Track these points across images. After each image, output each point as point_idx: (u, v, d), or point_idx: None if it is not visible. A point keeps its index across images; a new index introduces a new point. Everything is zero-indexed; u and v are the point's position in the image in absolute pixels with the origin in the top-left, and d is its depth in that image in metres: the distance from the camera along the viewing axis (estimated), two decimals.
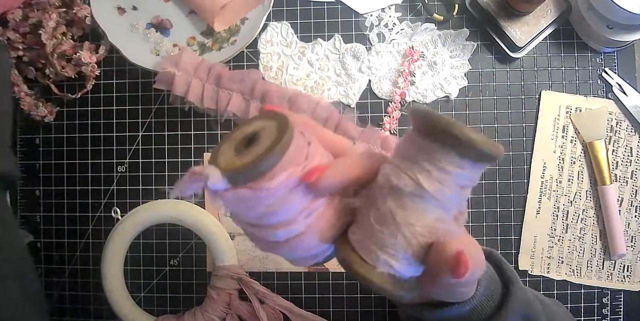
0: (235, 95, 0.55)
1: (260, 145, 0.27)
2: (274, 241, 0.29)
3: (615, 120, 0.56)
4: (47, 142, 0.60)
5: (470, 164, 0.26)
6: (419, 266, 0.28)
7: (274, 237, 0.28)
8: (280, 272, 0.58)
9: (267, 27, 0.58)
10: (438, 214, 0.27)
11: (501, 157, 0.26)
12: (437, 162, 0.26)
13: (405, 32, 0.58)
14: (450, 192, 0.26)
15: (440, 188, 0.26)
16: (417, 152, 0.27)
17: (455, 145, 0.25)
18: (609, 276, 0.56)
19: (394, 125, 0.57)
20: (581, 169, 0.56)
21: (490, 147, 0.25)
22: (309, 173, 0.27)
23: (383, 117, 0.57)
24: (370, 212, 0.28)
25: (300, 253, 0.30)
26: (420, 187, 0.26)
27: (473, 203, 0.56)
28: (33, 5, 0.56)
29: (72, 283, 0.59)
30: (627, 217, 0.56)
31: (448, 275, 0.26)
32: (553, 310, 0.42)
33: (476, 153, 0.25)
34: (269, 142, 0.26)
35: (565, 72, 0.57)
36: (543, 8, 0.54)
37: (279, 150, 0.26)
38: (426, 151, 0.26)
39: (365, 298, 0.57)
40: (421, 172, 0.26)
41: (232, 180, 0.26)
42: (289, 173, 0.26)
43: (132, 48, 0.57)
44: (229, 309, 0.55)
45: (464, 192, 0.27)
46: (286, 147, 0.26)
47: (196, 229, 0.56)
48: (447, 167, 0.26)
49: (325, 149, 0.30)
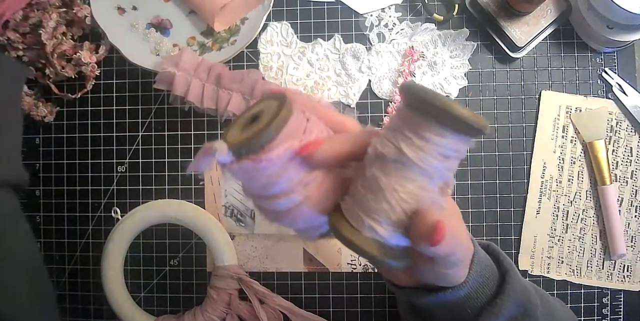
0: (235, 95, 0.55)
1: (261, 122, 0.29)
2: (278, 211, 0.31)
3: (615, 120, 0.56)
4: (47, 142, 0.60)
5: (452, 133, 0.27)
6: (403, 235, 0.29)
7: (277, 206, 0.30)
8: (280, 272, 0.58)
9: (267, 27, 0.58)
10: (421, 182, 0.28)
11: (485, 129, 0.27)
12: (418, 129, 0.27)
13: (405, 32, 0.58)
14: (433, 160, 0.27)
15: (421, 155, 0.27)
16: (402, 123, 0.28)
17: (435, 114, 0.26)
18: (609, 276, 0.56)
19: None
20: (581, 169, 0.56)
21: (469, 116, 0.26)
22: (304, 146, 0.29)
23: (383, 117, 0.57)
24: (358, 180, 0.29)
25: (301, 223, 0.31)
26: (402, 153, 0.27)
27: (473, 203, 0.56)
28: (33, 5, 0.56)
29: (72, 283, 0.59)
30: (627, 217, 0.56)
31: (425, 243, 0.27)
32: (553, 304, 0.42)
33: (455, 122, 0.26)
34: (268, 119, 0.29)
35: (565, 72, 0.57)
36: (543, 8, 0.54)
37: (276, 124, 0.28)
38: (410, 121, 0.28)
39: (365, 298, 0.57)
40: (404, 139, 0.27)
41: (236, 153, 0.29)
42: (287, 146, 0.29)
43: (132, 48, 0.57)
44: (229, 309, 0.55)
45: (449, 162, 0.28)
46: (283, 122, 0.29)
47: (196, 229, 0.56)
48: (427, 135, 0.27)
49: (328, 127, 0.32)
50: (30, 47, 0.57)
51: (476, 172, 0.57)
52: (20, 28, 0.56)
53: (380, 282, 0.57)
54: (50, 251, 0.59)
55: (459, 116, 0.26)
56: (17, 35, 0.56)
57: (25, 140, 0.60)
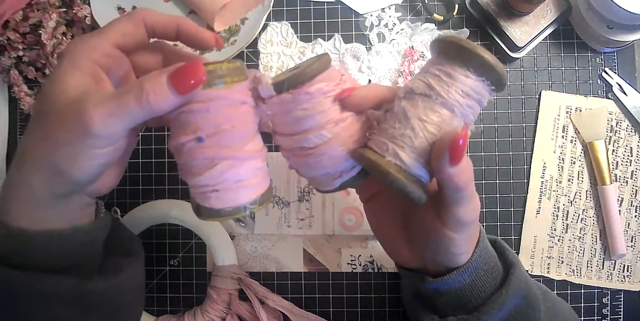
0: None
1: (301, 66, 0.33)
2: (305, 150, 0.33)
3: (615, 120, 0.56)
4: None
5: (474, 75, 0.30)
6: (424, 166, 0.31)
7: (306, 142, 0.33)
8: (280, 272, 0.58)
9: (267, 27, 0.58)
10: (445, 115, 0.31)
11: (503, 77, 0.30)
12: (445, 69, 0.31)
13: (405, 32, 0.58)
14: (457, 94, 0.30)
15: (446, 89, 0.30)
16: (431, 65, 0.32)
17: (461, 57, 0.30)
18: (609, 276, 0.56)
19: None
20: (581, 169, 0.56)
21: (490, 60, 0.29)
22: (343, 91, 0.32)
23: None
24: (387, 115, 0.32)
25: (327, 162, 0.33)
26: (430, 87, 0.31)
27: None
28: (33, 5, 0.56)
29: None
30: (627, 217, 0.56)
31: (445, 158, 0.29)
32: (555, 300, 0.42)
33: (477, 64, 0.30)
34: (309, 63, 0.33)
35: (565, 72, 0.57)
36: (543, 8, 0.54)
37: (316, 67, 0.32)
38: (438, 62, 0.31)
39: (365, 298, 0.57)
40: (432, 77, 0.31)
41: (277, 87, 0.32)
42: (324, 85, 0.32)
43: None
44: (229, 309, 0.55)
45: (470, 101, 0.31)
46: (323, 67, 0.32)
47: (196, 229, 0.56)
48: (453, 73, 0.30)
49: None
50: (30, 47, 0.57)
51: (476, 172, 0.56)
52: (20, 28, 0.56)
53: (380, 282, 0.57)
54: None
55: (483, 58, 0.29)
56: (17, 35, 0.56)
57: None
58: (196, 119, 0.31)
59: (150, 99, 0.29)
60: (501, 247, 0.39)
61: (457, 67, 0.31)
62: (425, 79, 0.31)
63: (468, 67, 0.30)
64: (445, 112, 0.31)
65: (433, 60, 0.32)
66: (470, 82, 0.30)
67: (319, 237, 0.57)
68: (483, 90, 0.31)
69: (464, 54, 0.30)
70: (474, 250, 0.35)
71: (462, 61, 0.30)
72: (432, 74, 0.31)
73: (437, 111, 0.31)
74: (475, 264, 0.35)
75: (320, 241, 0.57)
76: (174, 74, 0.29)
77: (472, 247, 0.35)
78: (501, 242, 0.40)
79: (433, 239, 0.34)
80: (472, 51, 0.30)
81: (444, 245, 0.34)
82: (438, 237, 0.33)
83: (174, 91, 0.29)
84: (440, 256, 0.35)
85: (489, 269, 0.35)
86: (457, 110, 0.31)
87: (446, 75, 0.31)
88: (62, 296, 0.32)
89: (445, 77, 0.31)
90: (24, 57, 0.57)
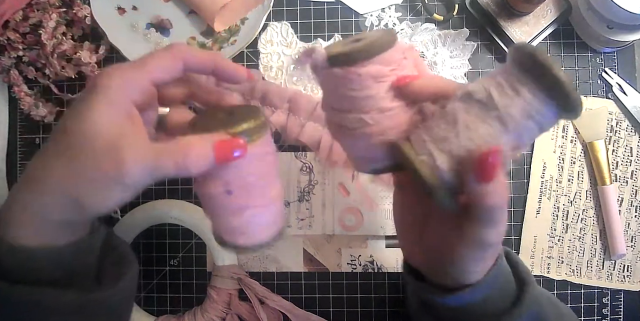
0: (235, 95, 0.55)
1: (363, 42, 0.31)
2: (345, 129, 0.33)
3: (615, 120, 0.56)
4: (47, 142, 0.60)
5: (544, 95, 0.27)
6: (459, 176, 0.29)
7: (348, 122, 0.32)
8: (280, 272, 0.58)
9: (267, 27, 0.58)
10: (495, 130, 0.28)
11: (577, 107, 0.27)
12: (513, 81, 0.28)
13: (405, 32, 0.58)
14: (515, 112, 0.28)
15: (507, 102, 0.28)
16: (500, 73, 0.29)
17: (536, 72, 0.27)
18: (609, 276, 0.56)
19: None
20: (581, 169, 0.56)
21: (564, 82, 0.26)
22: (402, 78, 0.31)
23: None
24: (436, 113, 0.31)
25: (361, 146, 0.33)
26: (489, 96, 0.28)
27: None
28: (33, 5, 0.56)
29: None
30: (627, 217, 0.56)
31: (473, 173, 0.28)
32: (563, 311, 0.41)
33: (552, 85, 0.27)
34: (371, 41, 0.31)
35: (565, 72, 0.57)
36: (543, 8, 0.54)
37: (376, 46, 0.30)
38: (509, 72, 0.29)
39: (365, 298, 0.57)
40: (496, 86, 0.28)
41: (331, 61, 0.31)
42: (378, 68, 0.30)
43: (132, 48, 0.57)
44: (229, 309, 0.55)
45: (528, 122, 0.28)
46: (383, 48, 0.30)
47: (196, 229, 0.56)
48: (520, 87, 0.28)
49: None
50: (30, 47, 0.57)
51: None
52: (20, 28, 0.56)
53: (380, 282, 0.57)
54: None
55: (558, 80, 0.26)
56: (17, 35, 0.56)
57: (25, 140, 0.60)
58: (227, 174, 0.32)
59: (188, 164, 0.29)
60: (514, 262, 0.38)
61: (527, 82, 0.28)
62: (488, 85, 0.29)
63: (538, 85, 0.27)
64: (497, 126, 0.28)
65: (505, 67, 0.29)
66: (535, 101, 0.27)
67: (319, 237, 0.57)
68: (549, 113, 0.28)
69: (537, 69, 0.27)
70: (491, 268, 0.33)
71: (534, 77, 0.27)
72: (498, 82, 0.28)
73: (488, 123, 0.28)
74: (489, 282, 0.33)
75: (320, 242, 0.57)
76: (219, 146, 0.30)
77: (487, 266, 0.33)
78: (514, 255, 0.39)
79: (448, 251, 0.32)
80: (547, 68, 0.27)
81: (458, 260, 0.32)
82: (454, 250, 0.32)
83: (213, 160, 0.30)
84: (452, 269, 0.33)
85: (503, 287, 0.34)
86: (511, 127, 0.28)
87: (511, 87, 0.28)
88: (65, 308, 0.32)
89: (510, 90, 0.28)
90: (24, 57, 0.57)
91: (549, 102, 0.27)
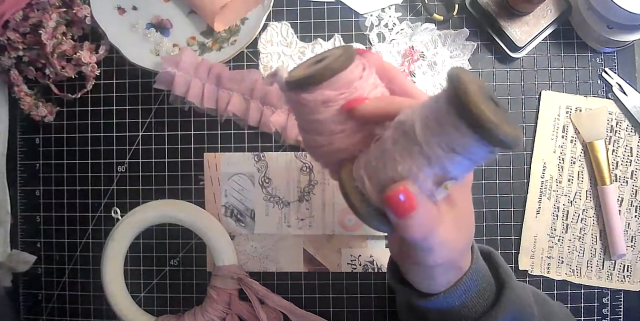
0: (235, 95, 0.55)
1: (317, 66, 0.32)
2: (308, 144, 0.35)
3: (615, 120, 0.56)
4: (47, 142, 0.60)
5: (467, 130, 0.25)
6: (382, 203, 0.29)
7: (307, 139, 0.34)
8: (280, 272, 0.58)
9: (267, 27, 0.58)
10: (419, 163, 0.27)
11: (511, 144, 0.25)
12: (438, 113, 0.26)
13: (405, 32, 0.58)
14: (437, 147, 0.27)
15: (428, 138, 0.27)
16: (431, 101, 0.28)
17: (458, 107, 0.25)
18: (609, 276, 0.56)
19: None
20: (581, 169, 0.56)
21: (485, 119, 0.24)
22: (349, 102, 0.32)
23: None
24: (375, 139, 0.31)
25: (322, 162, 0.36)
26: (412, 128, 0.27)
27: (473, 203, 0.56)
28: (33, 5, 0.56)
29: (72, 283, 0.59)
30: (627, 217, 0.56)
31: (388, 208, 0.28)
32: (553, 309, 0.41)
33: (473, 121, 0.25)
34: (327, 62, 0.31)
35: (565, 72, 0.57)
36: (543, 8, 0.54)
37: (326, 72, 0.31)
38: (437, 102, 0.27)
39: (365, 298, 0.57)
40: (422, 118, 0.27)
41: (288, 86, 0.33)
42: (327, 94, 0.31)
43: (132, 48, 0.57)
44: (229, 309, 0.55)
45: (455, 156, 0.27)
46: (333, 72, 0.31)
47: (196, 229, 0.56)
48: (443, 120, 0.26)
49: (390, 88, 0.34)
50: (30, 47, 0.57)
51: (476, 172, 0.56)
52: (20, 28, 0.56)
53: (380, 282, 0.57)
54: (50, 252, 0.59)
55: (479, 117, 0.24)
56: (17, 35, 0.56)
57: (25, 140, 0.60)
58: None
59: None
60: (495, 263, 0.38)
61: (451, 115, 0.26)
62: (416, 116, 0.27)
63: (461, 119, 0.25)
64: (420, 160, 0.27)
65: (437, 95, 0.28)
66: (458, 136, 0.26)
67: (319, 237, 0.57)
68: (476, 148, 0.26)
69: (460, 103, 0.25)
70: (461, 278, 0.34)
71: (458, 110, 0.25)
72: (424, 114, 0.27)
73: (412, 156, 0.27)
74: (463, 289, 0.34)
75: (320, 242, 0.57)
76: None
77: (447, 279, 0.34)
78: (496, 256, 0.39)
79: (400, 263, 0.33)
80: (466, 105, 0.24)
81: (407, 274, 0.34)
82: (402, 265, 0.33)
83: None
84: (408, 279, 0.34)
85: (482, 290, 0.35)
86: (434, 161, 0.27)
87: (436, 120, 0.26)
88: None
89: (434, 122, 0.26)
90: (24, 57, 0.57)
91: (473, 137, 0.25)
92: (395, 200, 0.27)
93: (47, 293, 0.59)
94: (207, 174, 0.58)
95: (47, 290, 0.59)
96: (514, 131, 0.25)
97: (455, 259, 0.33)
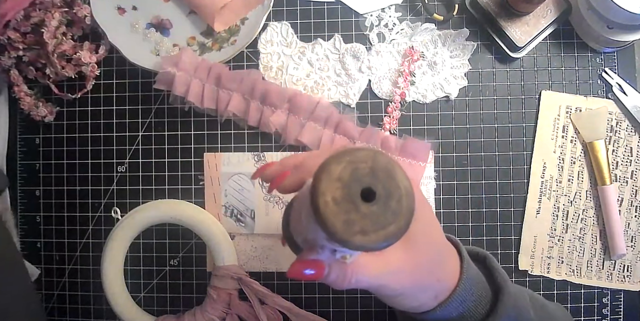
0: (235, 95, 0.55)
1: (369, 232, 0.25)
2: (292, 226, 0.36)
3: (615, 120, 0.56)
4: (47, 142, 0.60)
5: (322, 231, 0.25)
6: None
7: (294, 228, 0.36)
8: (280, 272, 0.57)
9: (267, 27, 0.58)
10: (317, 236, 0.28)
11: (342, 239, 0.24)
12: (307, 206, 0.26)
13: (405, 32, 0.58)
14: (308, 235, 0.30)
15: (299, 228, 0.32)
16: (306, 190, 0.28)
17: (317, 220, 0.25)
18: (609, 276, 0.56)
19: (394, 125, 0.57)
20: (581, 169, 0.56)
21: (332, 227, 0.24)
22: (272, 182, 0.35)
23: (383, 117, 0.57)
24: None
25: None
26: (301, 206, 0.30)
27: (473, 203, 0.56)
28: (36, 4, 0.56)
29: (72, 283, 0.59)
30: (627, 217, 0.56)
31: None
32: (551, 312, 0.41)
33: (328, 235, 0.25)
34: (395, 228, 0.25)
35: (565, 72, 0.57)
36: (543, 8, 0.54)
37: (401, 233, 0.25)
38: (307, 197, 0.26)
39: (365, 298, 0.57)
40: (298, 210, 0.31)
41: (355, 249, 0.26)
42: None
43: (132, 48, 0.57)
44: (229, 309, 0.55)
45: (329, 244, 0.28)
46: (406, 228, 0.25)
47: (196, 229, 0.56)
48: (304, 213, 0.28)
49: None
50: (30, 46, 0.57)
51: (476, 172, 0.57)
52: (22, 27, 0.56)
53: None
54: (50, 251, 0.59)
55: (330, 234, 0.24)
56: (17, 35, 0.56)
57: (25, 140, 0.60)
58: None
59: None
60: (491, 267, 0.38)
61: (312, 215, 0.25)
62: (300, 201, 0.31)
63: (318, 225, 0.25)
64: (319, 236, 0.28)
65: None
66: (322, 234, 0.25)
67: None
68: (340, 247, 0.26)
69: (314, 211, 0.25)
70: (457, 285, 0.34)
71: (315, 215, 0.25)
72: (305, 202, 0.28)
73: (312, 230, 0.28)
74: (460, 298, 0.34)
75: None
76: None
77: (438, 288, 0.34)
78: (491, 261, 0.39)
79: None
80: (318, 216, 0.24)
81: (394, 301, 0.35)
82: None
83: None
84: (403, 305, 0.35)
85: (477, 298, 0.35)
86: (322, 241, 0.28)
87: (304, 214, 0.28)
88: None
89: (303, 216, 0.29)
90: (24, 57, 0.57)
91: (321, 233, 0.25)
92: (305, 276, 0.30)
93: (47, 293, 0.59)
94: (207, 174, 0.58)
95: (47, 290, 0.59)
96: (366, 239, 0.24)
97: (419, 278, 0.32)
